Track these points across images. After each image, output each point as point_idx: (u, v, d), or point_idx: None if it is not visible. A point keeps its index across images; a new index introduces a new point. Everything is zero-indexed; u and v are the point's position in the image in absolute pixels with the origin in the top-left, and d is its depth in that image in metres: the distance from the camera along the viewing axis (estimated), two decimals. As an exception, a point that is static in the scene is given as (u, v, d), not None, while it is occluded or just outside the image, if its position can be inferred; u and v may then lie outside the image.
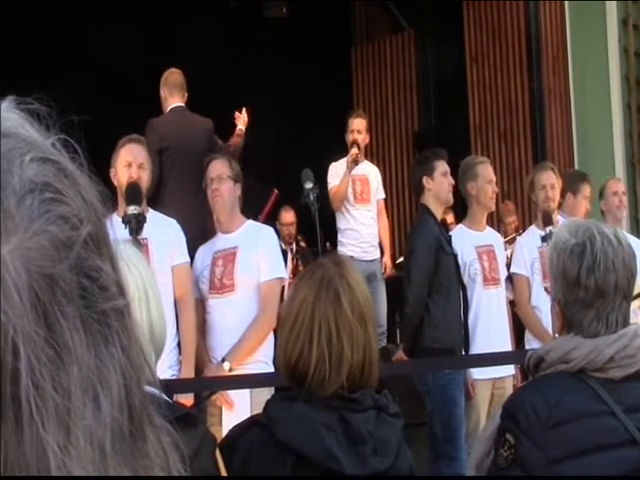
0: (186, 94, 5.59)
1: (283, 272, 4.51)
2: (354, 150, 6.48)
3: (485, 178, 5.03)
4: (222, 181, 4.37)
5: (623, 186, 5.93)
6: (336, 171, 6.54)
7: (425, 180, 4.94)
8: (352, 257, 6.26)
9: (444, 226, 5.03)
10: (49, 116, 0.55)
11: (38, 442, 0.47)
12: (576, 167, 7.79)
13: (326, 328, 1.94)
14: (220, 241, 4.44)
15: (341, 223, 6.65)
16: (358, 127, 6.62)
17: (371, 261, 6.59)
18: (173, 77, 5.59)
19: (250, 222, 4.51)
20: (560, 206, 5.30)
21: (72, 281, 0.50)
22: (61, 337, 0.49)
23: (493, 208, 5.29)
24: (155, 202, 4.84)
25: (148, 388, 0.56)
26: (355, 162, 6.46)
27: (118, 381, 0.51)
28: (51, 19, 7.87)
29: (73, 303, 0.50)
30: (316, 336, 1.93)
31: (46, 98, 0.56)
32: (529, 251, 5.07)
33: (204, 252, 4.44)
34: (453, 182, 5.00)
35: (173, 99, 5.53)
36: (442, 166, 4.98)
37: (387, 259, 6.87)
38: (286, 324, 2.00)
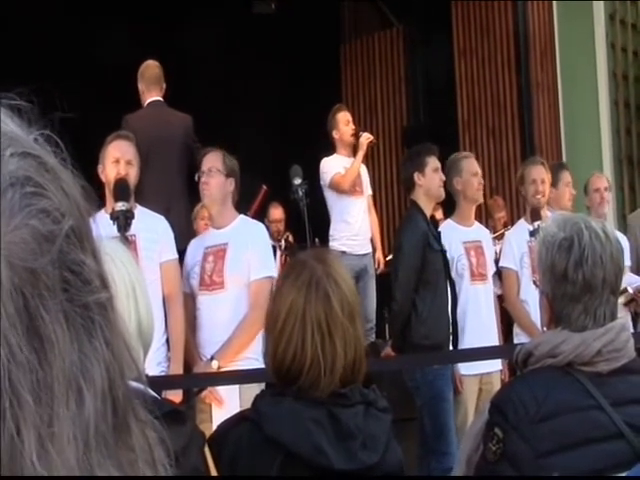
0: (164, 87, 5.44)
1: (274, 271, 4.49)
2: (369, 135, 6.47)
3: (469, 171, 5.05)
4: (212, 174, 4.36)
5: (606, 182, 5.93)
6: (331, 165, 6.48)
7: (416, 176, 4.94)
8: (344, 252, 6.20)
9: (434, 222, 5.02)
10: (32, 111, 0.55)
11: (10, 439, 0.47)
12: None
13: (318, 331, 1.92)
14: (211, 236, 4.43)
15: (334, 215, 6.55)
16: (349, 117, 6.60)
17: (364, 255, 6.49)
18: (150, 70, 5.44)
19: (241, 217, 4.48)
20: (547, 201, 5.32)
21: (54, 275, 0.50)
22: (44, 331, 0.49)
23: (481, 200, 5.30)
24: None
25: (134, 384, 0.55)
26: (371, 146, 6.50)
27: (102, 375, 0.51)
28: (50, 19, 7.84)
29: (55, 297, 0.50)
30: (309, 339, 1.91)
31: (29, 93, 0.55)
32: (518, 245, 5.08)
33: (195, 247, 4.43)
34: (444, 178, 5.00)
35: (150, 93, 5.39)
36: (433, 162, 4.98)
37: (379, 255, 6.83)
38: (275, 327, 1.96)
